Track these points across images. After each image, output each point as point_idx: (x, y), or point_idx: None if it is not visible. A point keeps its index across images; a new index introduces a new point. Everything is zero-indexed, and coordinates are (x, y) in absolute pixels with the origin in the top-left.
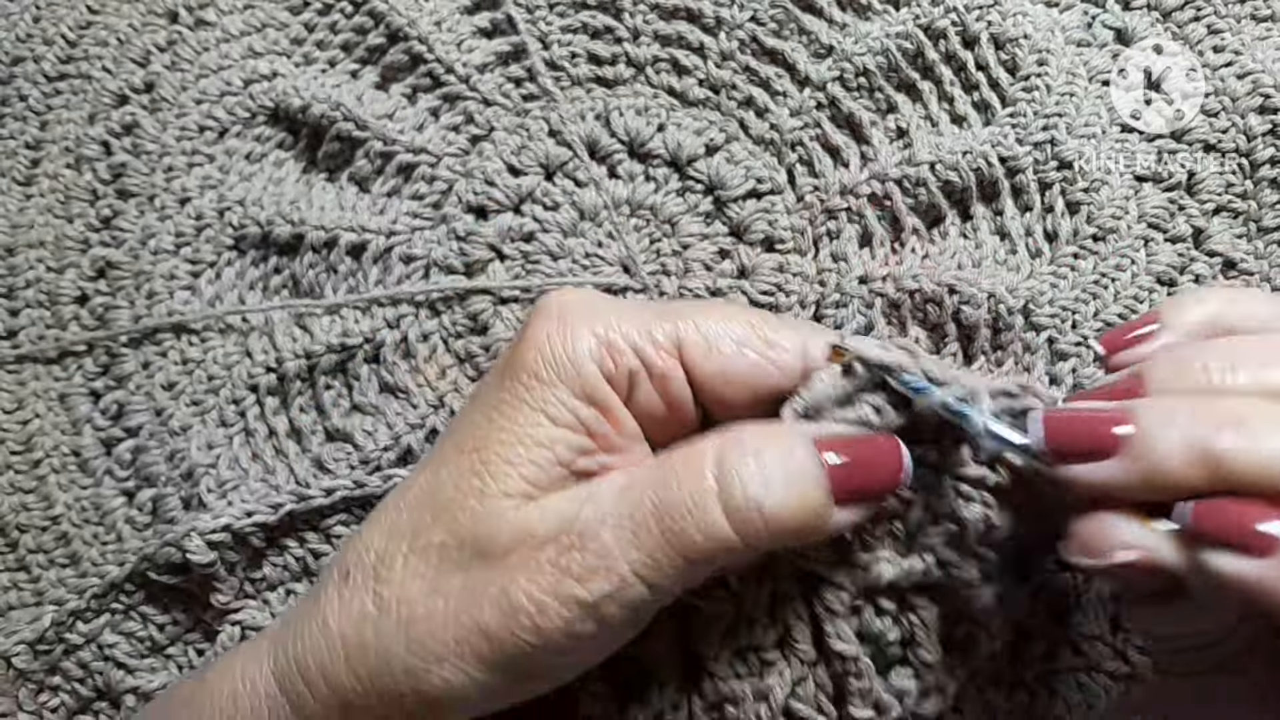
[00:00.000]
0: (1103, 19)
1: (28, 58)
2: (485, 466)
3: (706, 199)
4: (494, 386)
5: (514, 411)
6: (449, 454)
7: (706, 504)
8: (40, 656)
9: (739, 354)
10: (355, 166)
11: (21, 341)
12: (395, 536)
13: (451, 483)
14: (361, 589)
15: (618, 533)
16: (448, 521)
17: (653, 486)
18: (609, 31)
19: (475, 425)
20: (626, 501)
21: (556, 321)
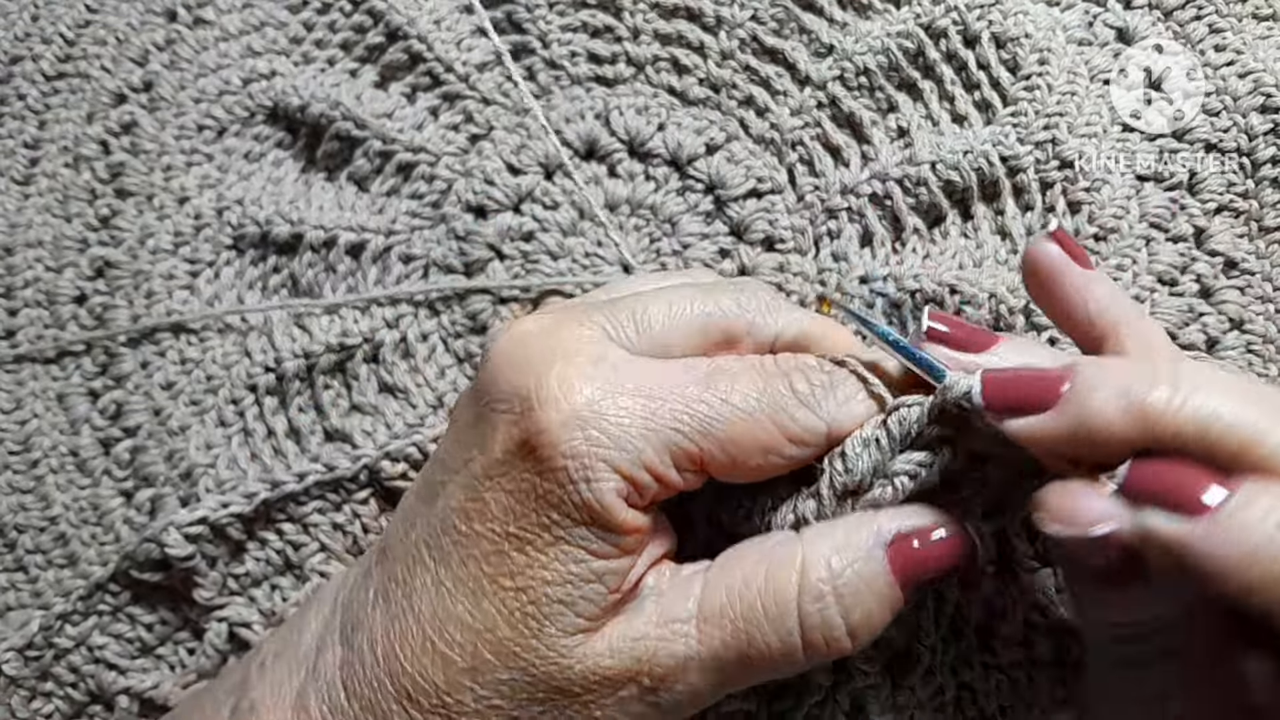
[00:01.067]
0: (1104, 18)
1: (26, 57)
2: (537, 608)
3: (707, 198)
4: (519, 514)
5: (552, 549)
6: (486, 585)
7: (794, 659)
8: (30, 662)
9: (763, 464)
10: (354, 166)
11: (20, 341)
12: (451, 668)
13: (504, 622)
14: (431, 714)
15: (705, 677)
16: (510, 661)
17: (735, 634)
18: (609, 30)
19: (509, 558)
20: (708, 642)
21: (572, 460)
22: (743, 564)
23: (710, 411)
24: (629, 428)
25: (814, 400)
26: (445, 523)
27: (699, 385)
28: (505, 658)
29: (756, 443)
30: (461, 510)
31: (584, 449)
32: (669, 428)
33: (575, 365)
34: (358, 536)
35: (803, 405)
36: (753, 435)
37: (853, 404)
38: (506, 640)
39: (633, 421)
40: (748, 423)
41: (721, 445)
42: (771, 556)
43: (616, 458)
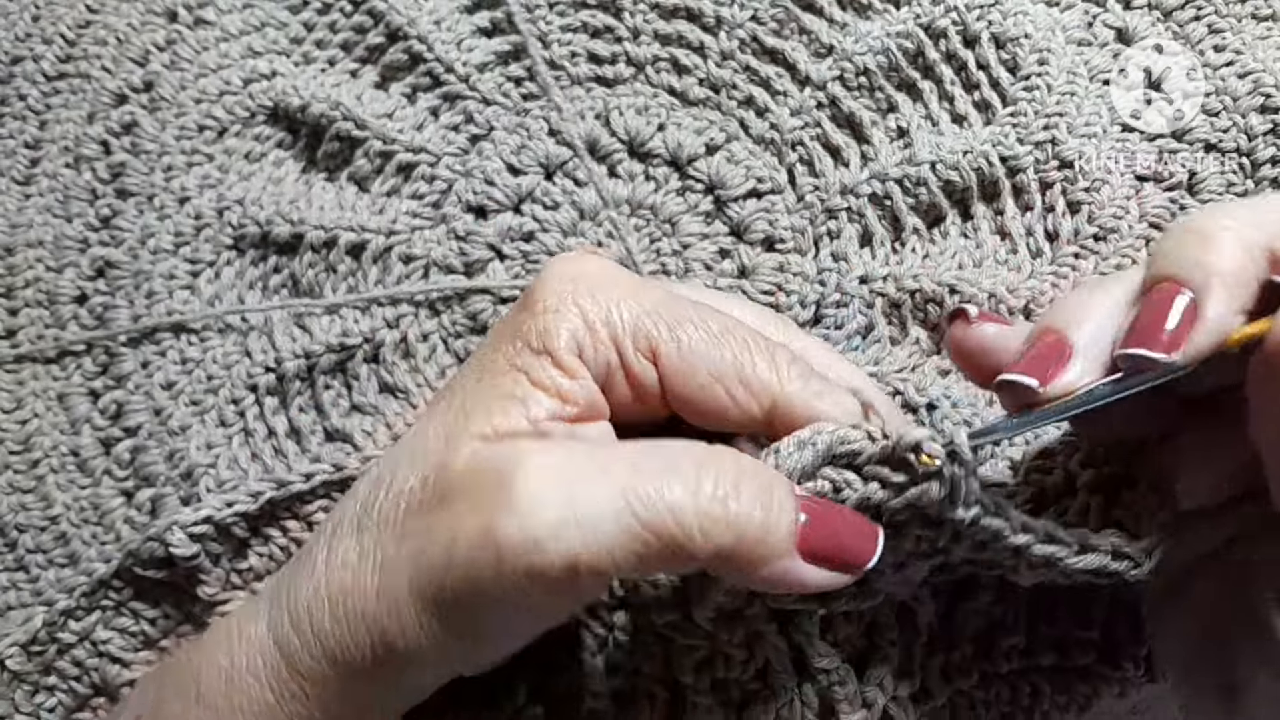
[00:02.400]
0: (1103, 18)
1: (27, 57)
2: (462, 415)
3: (707, 198)
4: (488, 348)
5: (499, 372)
6: (436, 409)
7: (674, 485)
8: (34, 657)
9: (709, 387)
10: (355, 166)
11: (20, 341)
12: (377, 484)
13: (430, 431)
14: (346, 537)
15: (568, 472)
16: (419, 464)
17: (627, 458)
18: (609, 31)
19: (464, 383)
20: (591, 452)
21: (554, 295)
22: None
23: (685, 316)
24: (612, 290)
25: (781, 369)
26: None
27: (692, 303)
28: (416, 461)
29: (710, 363)
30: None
31: (566, 288)
32: (642, 308)
33: (598, 257)
34: None
35: (770, 362)
36: (710, 356)
37: (817, 396)
38: (425, 446)
39: (617, 288)
40: (711, 344)
41: (679, 346)
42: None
43: (588, 305)
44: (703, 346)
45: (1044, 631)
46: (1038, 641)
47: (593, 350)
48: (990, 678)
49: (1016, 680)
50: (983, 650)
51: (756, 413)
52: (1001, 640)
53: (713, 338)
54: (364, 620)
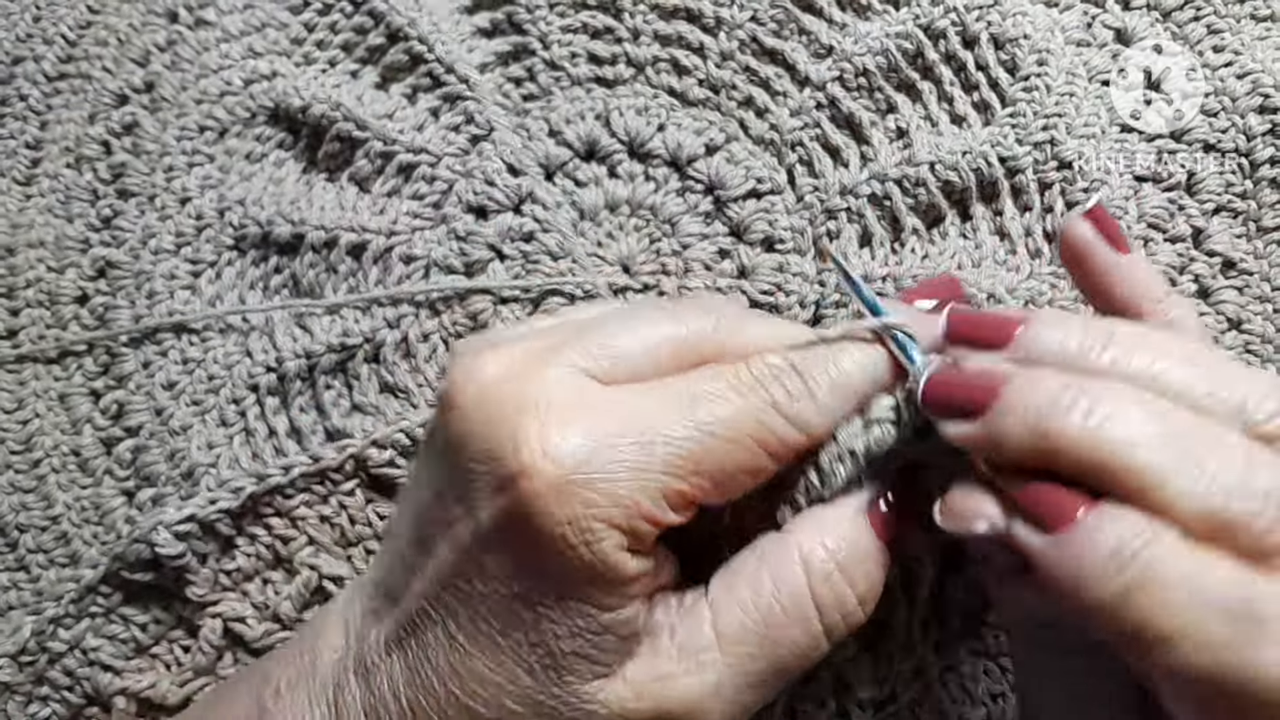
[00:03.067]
0: (1102, 19)
1: (28, 57)
2: (554, 660)
3: (706, 199)
4: (519, 577)
5: (559, 606)
6: (500, 641)
7: (820, 648)
8: (24, 668)
9: (748, 482)
10: (355, 166)
11: (22, 341)
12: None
13: (525, 673)
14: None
15: (737, 694)
16: (537, 709)
17: (763, 647)
18: (609, 31)
19: (518, 616)
20: (737, 669)
21: (568, 526)
22: (744, 576)
23: (699, 448)
24: (622, 482)
25: (792, 410)
26: (445, 579)
27: (682, 417)
28: (531, 706)
29: (741, 467)
30: (459, 571)
31: (580, 512)
32: (661, 474)
33: (553, 416)
34: (345, 528)
35: (781, 417)
36: (737, 460)
37: (830, 408)
38: (529, 690)
39: (625, 474)
40: (733, 449)
41: (712, 478)
42: (769, 559)
43: (614, 514)
44: (733, 461)
45: None
46: None
47: (640, 543)
48: (979, 656)
49: (1005, 661)
50: (971, 627)
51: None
52: (989, 617)
53: (733, 443)
54: None
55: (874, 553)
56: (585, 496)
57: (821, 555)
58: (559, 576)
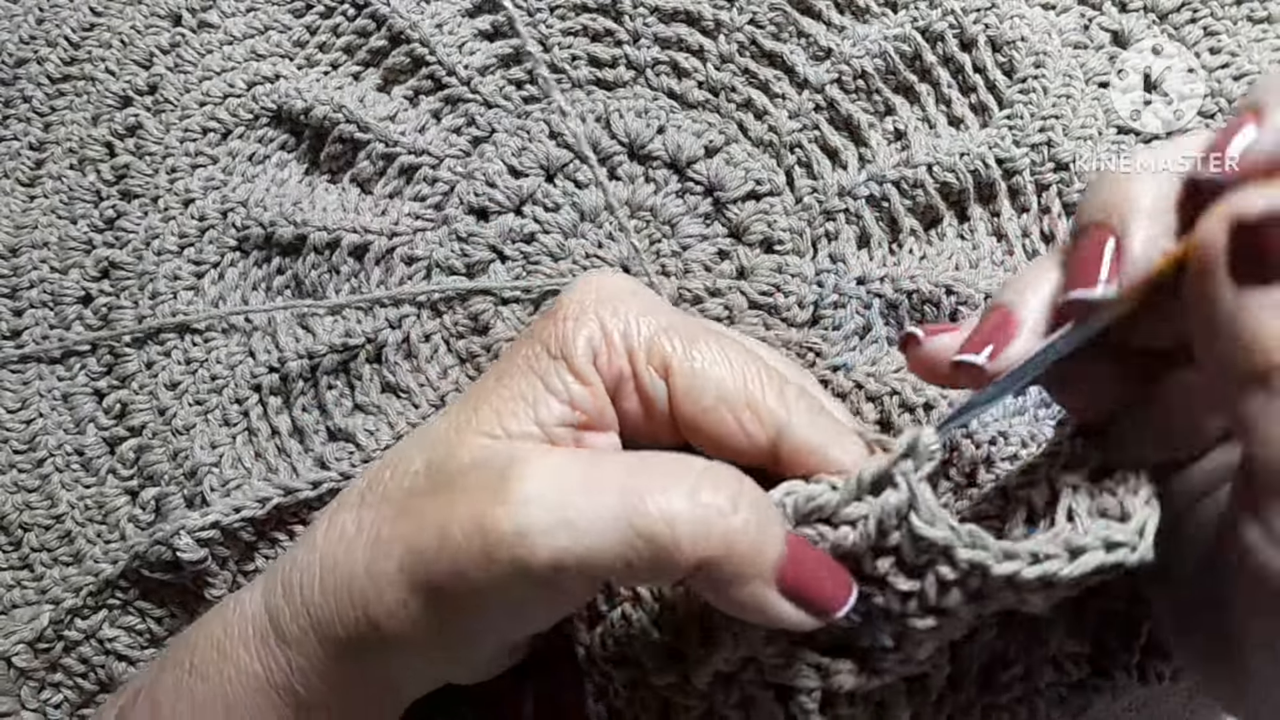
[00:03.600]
0: (1100, 21)
1: (31, 59)
2: (474, 411)
3: (706, 200)
4: (510, 352)
5: (515, 374)
6: (454, 406)
7: (673, 491)
8: (40, 655)
9: (714, 409)
10: (357, 168)
11: (25, 341)
12: (385, 465)
13: (443, 422)
14: (347, 510)
15: (567, 479)
16: (426, 450)
17: (627, 463)
18: (609, 34)
19: (484, 382)
20: (591, 459)
21: (576, 305)
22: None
23: (703, 338)
24: (633, 304)
25: (790, 402)
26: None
27: (710, 328)
28: (423, 447)
29: (718, 385)
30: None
31: (589, 299)
32: (661, 326)
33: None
34: None
35: (778, 391)
36: (719, 376)
37: (823, 434)
38: (435, 435)
39: (639, 303)
40: (722, 366)
41: (690, 364)
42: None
43: (607, 316)
44: (714, 368)
45: (1040, 653)
46: (1035, 664)
47: (607, 359)
48: (990, 709)
49: (1015, 706)
50: (985, 685)
51: (763, 442)
52: (1002, 673)
53: (725, 361)
54: (350, 593)
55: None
56: (600, 297)
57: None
58: (537, 345)
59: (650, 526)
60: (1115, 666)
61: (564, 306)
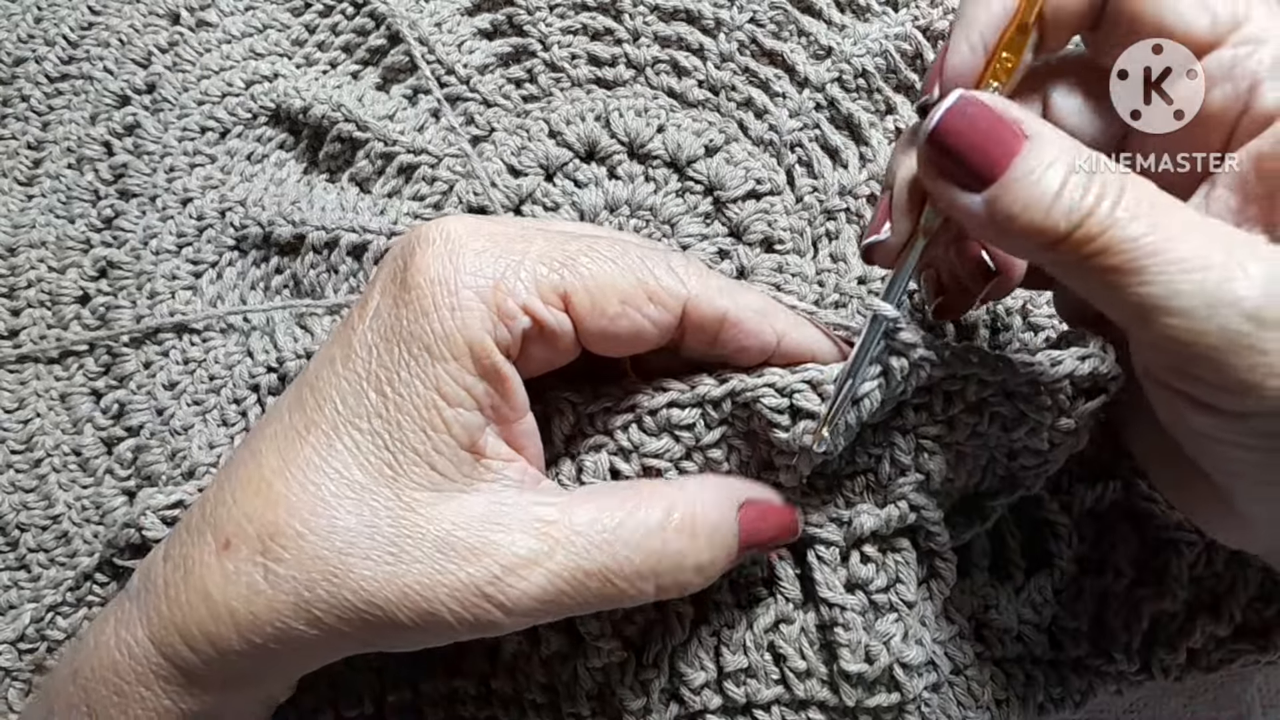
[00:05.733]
0: None
1: (30, 58)
2: (393, 453)
3: (706, 200)
4: (377, 349)
5: (408, 389)
6: (342, 424)
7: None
8: (24, 655)
9: (621, 313)
10: (356, 167)
11: (23, 341)
12: (286, 510)
13: (356, 464)
14: (248, 562)
15: (557, 584)
16: (358, 508)
17: (601, 549)
18: (609, 33)
19: (364, 396)
20: (570, 553)
21: (439, 284)
22: (613, 492)
23: (575, 251)
24: (497, 256)
25: (681, 269)
26: (306, 376)
27: (569, 236)
28: (350, 502)
29: (616, 289)
30: (325, 361)
31: (449, 274)
32: (536, 260)
33: (455, 216)
34: None
35: (669, 269)
36: (613, 280)
37: (720, 293)
38: (357, 483)
39: (500, 251)
40: (611, 267)
41: (584, 282)
42: (640, 491)
43: (483, 285)
44: (606, 276)
45: (1033, 619)
46: (1029, 629)
47: (506, 332)
48: (985, 661)
49: (1011, 667)
50: (978, 630)
51: (671, 322)
52: (995, 623)
53: (612, 262)
54: (289, 643)
55: (727, 534)
56: (460, 263)
57: (683, 508)
58: (418, 347)
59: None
60: (1114, 647)
61: (426, 291)
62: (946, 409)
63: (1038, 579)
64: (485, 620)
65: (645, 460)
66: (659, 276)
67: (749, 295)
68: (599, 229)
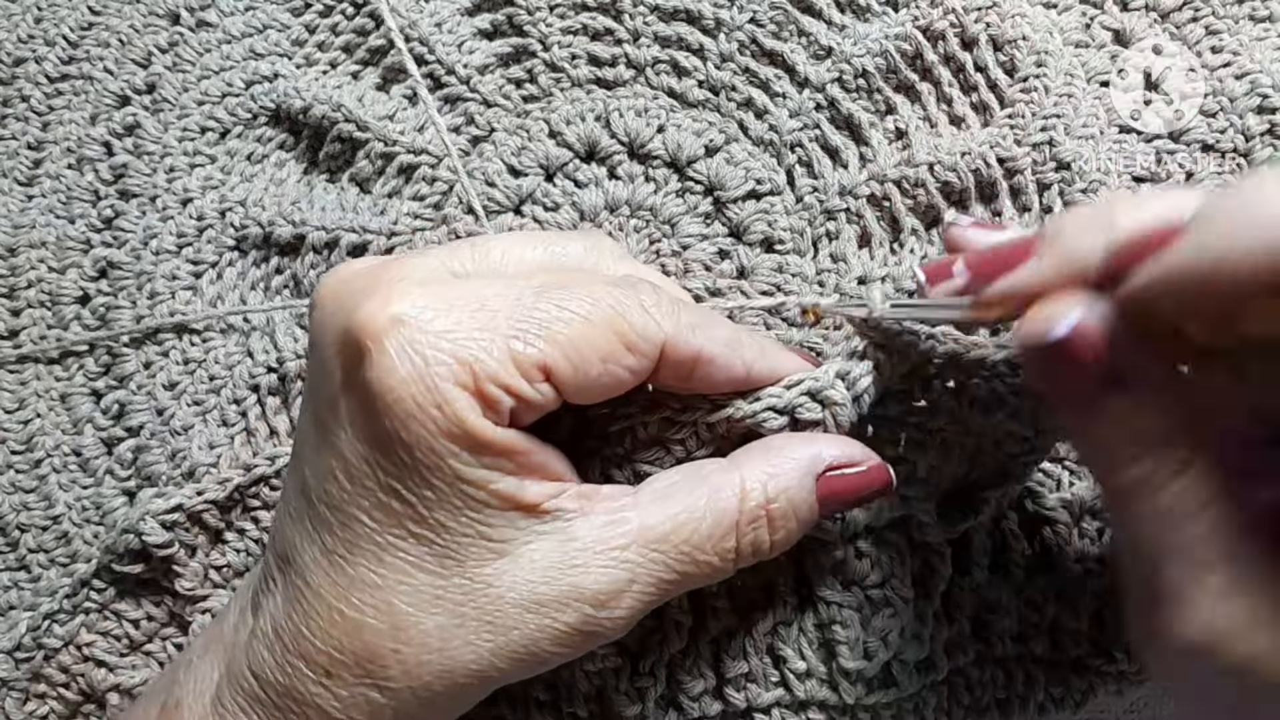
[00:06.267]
0: (1101, 20)
1: (30, 58)
2: (445, 546)
3: (706, 200)
4: (383, 461)
5: (433, 490)
6: (380, 538)
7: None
8: (21, 664)
9: (605, 372)
10: (356, 167)
11: (23, 341)
12: (370, 634)
13: (417, 569)
14: (358, 685)
15: (644, 597)
16: (438, 606)
17: (680, 560)
18: (609, 33)
19: (391, 509)
20: (651, 567)
21: (415, 384)
22: (680, 487)
23: (548, 317)
24: (465, 341)
25: (654, 310)
26: (316, 491)
27: (534, 294)
28: (427, 604)
29: (595, 349)
30: (328, 473)
31: (421, 370)
32: (507, 335)
33: (399, 288)
34: None
35: (643, 311)
36: (591, 341)
37: (692, 330)
38: (425, 586)
39: (467, 333)
40: (586, 327)
41: (563, 350)
42: (710, 482)
43: (459, 373)
44: (584, 339)
45: (1034, 619)
46: (1029, 629)
47: (495, 415)
48: (986, 660)
49: (1012, 666)
50: (978, 629)
51: (650, 366)
52: (995, 622)
53: (586, 321)
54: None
55: (805, 513)
56: (428, 355)
57: (759, 498)
58: (420, 450)
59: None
60: (1115, 646)
61: (403, 394)
62: (925, 393)
63: (1037, 578)
64: (588, 648)
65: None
66: (634, 325)
67: (717, 328)
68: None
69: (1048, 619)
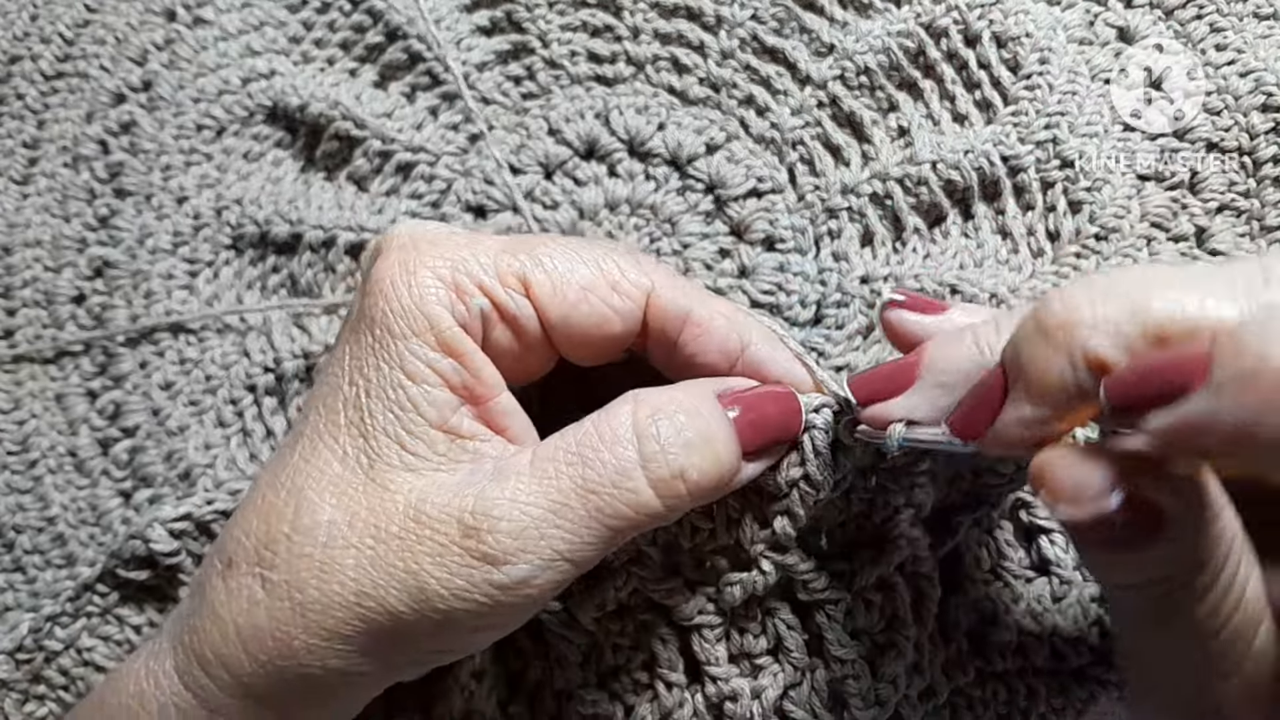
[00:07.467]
0: (1105, 17)
1: (25, 56)
2: (366, 439)
3: (707, 198)
4: (349, 343)
5: (376, 373)
6: (322, 427)
7: (632, 477)
8: (21, 665)
9: (583, 299)
10: (353, 165)
11: (18, 341)
12: (275, 518)
13: (336, 459)
14: (247, 575)
15: (534, 511)
16: (338, 500)
17: (570, 463)
18: (609, 30)
19: (340, 391)
20: (540, 478)
21: (398, 267)
22: (581, 422)
23: (537, 242)
24: (457, 245)
25: (646, 264)
26: (305, 404)
27: (536, 238)
28: (329, 494)
29: (577, 274)
30: (318, 371)
31: (409, 258)
32: (496, 248)
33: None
34: None
35: (634, 262)
36: (574, 268)
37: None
38: (335, 477)
39: (461, 241)
40: (572, 256)
41: (546, 270)
42: (602, 411)
43: (440, 266)
44: (566, 263)
45: (1033, 630)
46: (1029, 641)
47: (463, 307)
48: (987, 676)
49: (1013, 681)
50: (977, 646)
51: (635, 312)
52: (994, 637)
53: (572, 252)
54: (292, 657)
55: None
56: (421, 246)
57: (648, 410)
58: (379, 327)
59: (632, 525)
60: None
61: (383, 277)
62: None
63: (1036, 589)
64: (478, 583)
65: None
66: (622, 268)
67: (719, 302)
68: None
69: (1047, 630)
